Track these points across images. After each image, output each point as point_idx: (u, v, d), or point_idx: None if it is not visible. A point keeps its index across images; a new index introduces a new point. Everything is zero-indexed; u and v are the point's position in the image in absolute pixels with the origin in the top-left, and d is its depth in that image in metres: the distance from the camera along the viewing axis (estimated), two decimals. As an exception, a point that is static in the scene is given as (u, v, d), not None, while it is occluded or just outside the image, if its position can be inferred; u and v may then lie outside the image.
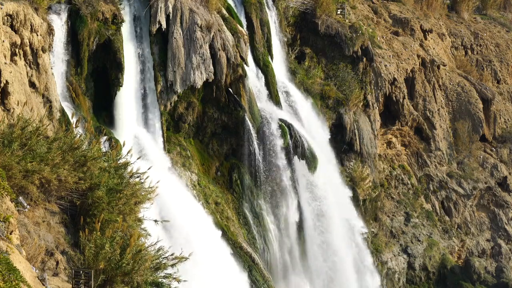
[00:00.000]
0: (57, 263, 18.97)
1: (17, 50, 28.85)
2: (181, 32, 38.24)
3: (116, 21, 35.80)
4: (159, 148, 37.79)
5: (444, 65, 60.26)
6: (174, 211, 33.27)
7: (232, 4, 43.53)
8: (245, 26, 43.32)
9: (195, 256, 23.14)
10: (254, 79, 42.88)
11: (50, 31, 31.95)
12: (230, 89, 40.31)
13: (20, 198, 18.90)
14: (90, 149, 21.79)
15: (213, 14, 39.79)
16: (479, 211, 57.49)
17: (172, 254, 20.42)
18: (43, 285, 16.68)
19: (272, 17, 47.00)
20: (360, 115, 49.69)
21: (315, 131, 45.76)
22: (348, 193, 47.28)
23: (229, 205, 40.20)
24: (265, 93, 43.73)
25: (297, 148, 42.40)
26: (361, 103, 49.96)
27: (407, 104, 54.70)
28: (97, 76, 35.98)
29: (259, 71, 43.86)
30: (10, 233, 16.35)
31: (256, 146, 40.83)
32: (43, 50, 30.47)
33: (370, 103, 50.87)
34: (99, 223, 19.39)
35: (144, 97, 37.81)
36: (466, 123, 58.60)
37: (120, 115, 36.32)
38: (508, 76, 66.30)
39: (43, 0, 31.25)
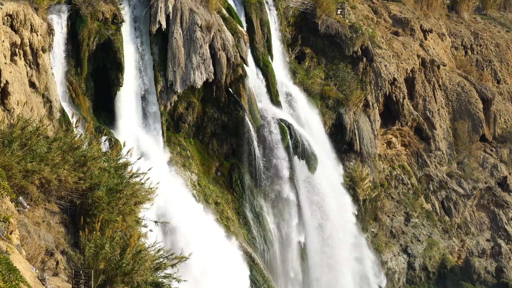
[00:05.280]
0: (57, 263, 18.99)
1: (17, 50, 28.86)
2: (181, 32, 38.24)
3: (116, 21, 35.79)
4: (159, 148, 37.78)
5: (444, 65, 60.23)
6: (173, 211, 33.28)
7: (232, 4, 43.51)
8: (245, 26, 43.31)
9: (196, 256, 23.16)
10: (254, 79, 42.85)
11: (50, 31, 31.93)
12: (230, 89, 40.30)
13: (20, 198, 18.91)
14: (90, 149, 21.80)
15: (213, 14, 39.79)
16: (479, 211, 57.47)
17: (172, 254, 20.45)
18: (43, 285, 16.68)
19: (272, 17, 46.98)
20: (360, 115, 49.66)
21: (315, 131, 45.74)
22: (348, 193, 47.23)
23: (229, 205, 40.19)
24: (265, 93, 43.71)
25: (297, 148, 42.40)
26: (361, 103, 49.91)
27: (407, 104, 54.67)
28: (97, 76, 35.97)
29: (259, 71, 43.83)
30: (10, 233, 16.36)
31: (256, 146, 40.83)
32: (43, 50, 30.47)
33: (370, 103, 50.83)
34: (99, 223, 19.41)
35: (144, 97, 37.81)
36: (466, 123, 58.55)
37: (120, 115, 36.32)
38: (508, 76, 66.28)
39: (43, 0, 31.23)
